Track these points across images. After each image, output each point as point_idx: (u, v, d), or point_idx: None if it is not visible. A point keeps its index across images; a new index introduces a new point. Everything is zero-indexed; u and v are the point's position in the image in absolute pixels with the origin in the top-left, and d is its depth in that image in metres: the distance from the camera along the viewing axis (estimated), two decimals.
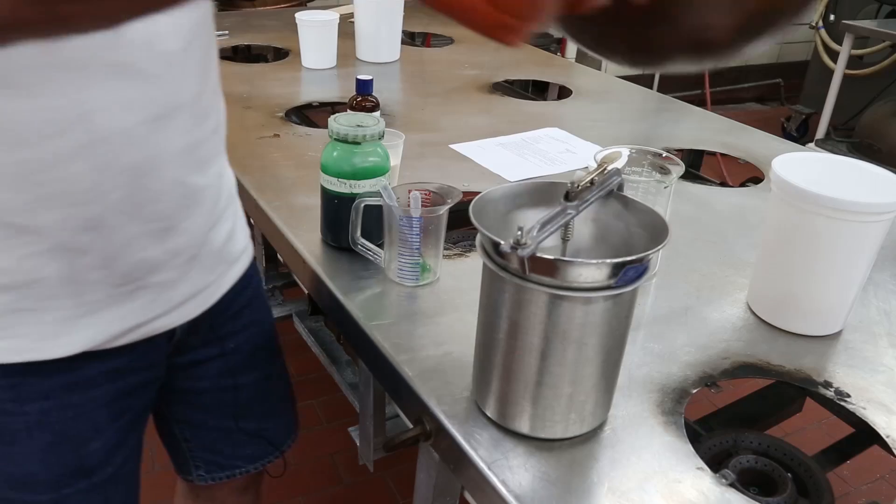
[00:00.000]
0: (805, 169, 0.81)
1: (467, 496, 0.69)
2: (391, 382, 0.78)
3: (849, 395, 0.76)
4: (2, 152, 0.59)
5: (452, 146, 1.34)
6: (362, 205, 0.88)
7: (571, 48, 2.98)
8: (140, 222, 0.68)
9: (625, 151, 0.84)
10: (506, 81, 1.83)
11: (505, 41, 0.37)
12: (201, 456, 0.96)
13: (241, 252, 0.86)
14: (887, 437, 0.71)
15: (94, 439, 0.74)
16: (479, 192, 0.65)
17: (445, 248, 0.94)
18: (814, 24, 3.82)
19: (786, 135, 3.76)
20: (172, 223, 0.72)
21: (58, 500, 0.74)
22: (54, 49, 0.47)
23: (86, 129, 0.61)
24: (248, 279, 0.87)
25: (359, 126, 0.89)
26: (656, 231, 0.61)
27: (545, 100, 1.90)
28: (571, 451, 0.66)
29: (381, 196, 0.86)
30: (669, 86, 2.92)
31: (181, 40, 0.65)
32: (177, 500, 1.11)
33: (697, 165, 1.53)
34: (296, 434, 1.02)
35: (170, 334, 0.79)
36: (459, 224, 1.04)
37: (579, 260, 0.58)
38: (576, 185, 0.61)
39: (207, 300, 0.81)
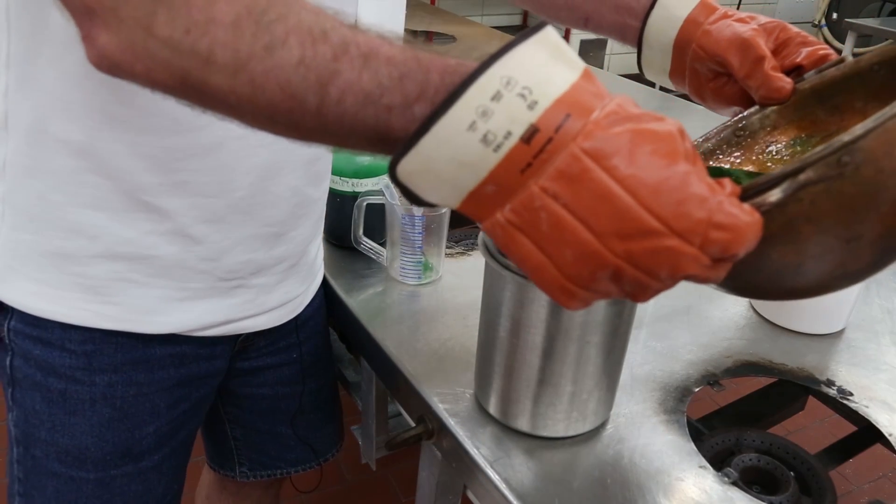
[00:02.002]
0: None
1: (470, 495, 0.69)
2: (393, 381, 0.78)
3: (851, 394, 0.76)
4: (154, 137, 0.62)
5: None
6: (364, 203, 0.89)
7: (574, 46, 2.98)
8: (255, 224, 0.71)
9: None
10: None
11: (563, 304, 0.41)
12: (247, 455, 0.97)
13: (320, 266, 0.89)
14: (890, 435, 0.71)
15: (150, 423, 0.75)
16: None
17: (447, 247, 0.94)
18: (816, 23, 3.82)
19: None
20: (283, 230, 0.74)
21: (103, 481, 0.75)
22: None
23: (226, 125, 0.64)
24: (318, 292, 0.90)
25: None
26: None
27: None
28: (573, 449, 0.66)
29: (384, 194, 0.86)
30: None
31: None
32: (200, 490, 1.11)
33: None
34: (340, 445, 1.03)
35: (239, 334, 0.80)
36: (461, 222, 1.04)
37: None
38: None
39: (295, 310, 0.83)
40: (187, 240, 0.68)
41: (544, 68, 0.38)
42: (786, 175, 0.42)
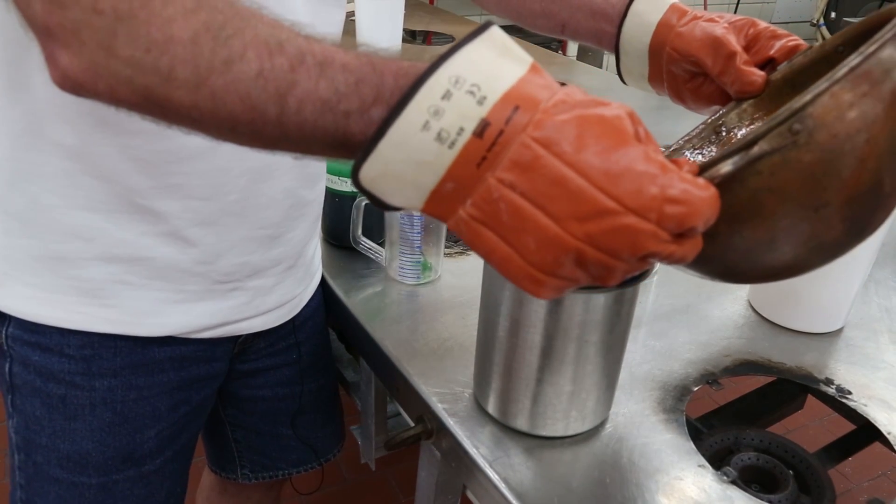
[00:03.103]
0: None
1: (469, 494, 0.69)
2: (392, 381, 0.78)
3: (850, 392, 0.76)
4: (146, 141, 0.62)
5: None
6: (363, 203, 0.89)
7: (573, 46, 2.98)
8: (250, 227, 0.71)
9: None
10: None
11: (533, 293, 0.42)
12: (249, 457, 0.97)
13: (318, 266, 0.89)
14: (888, 433, 0.71)
15: (151, 426, 0.75)
16: None
17: (446, 247, 0.94)
18: (815, 22, 3.82)
19: None
20: (279, 232, 0.74)
21: (105, 485, 0.75)
22: None
23: None
24: (317, 292, 0.90)
25: None
26: None
27: None
28: (573, 448, 0.66)
29: None
30: None
31: None
32: (200, 492, 1.11)
33: None
34: (341, 445, 1.03)
35: (238, 335, 0.80)
36: None
37: None
38: None
39: (292, 311, 0.83)
40: (182, 242, 0.68)
41: (491, 65, 0.39)
42: (739, 148, 0.43)
